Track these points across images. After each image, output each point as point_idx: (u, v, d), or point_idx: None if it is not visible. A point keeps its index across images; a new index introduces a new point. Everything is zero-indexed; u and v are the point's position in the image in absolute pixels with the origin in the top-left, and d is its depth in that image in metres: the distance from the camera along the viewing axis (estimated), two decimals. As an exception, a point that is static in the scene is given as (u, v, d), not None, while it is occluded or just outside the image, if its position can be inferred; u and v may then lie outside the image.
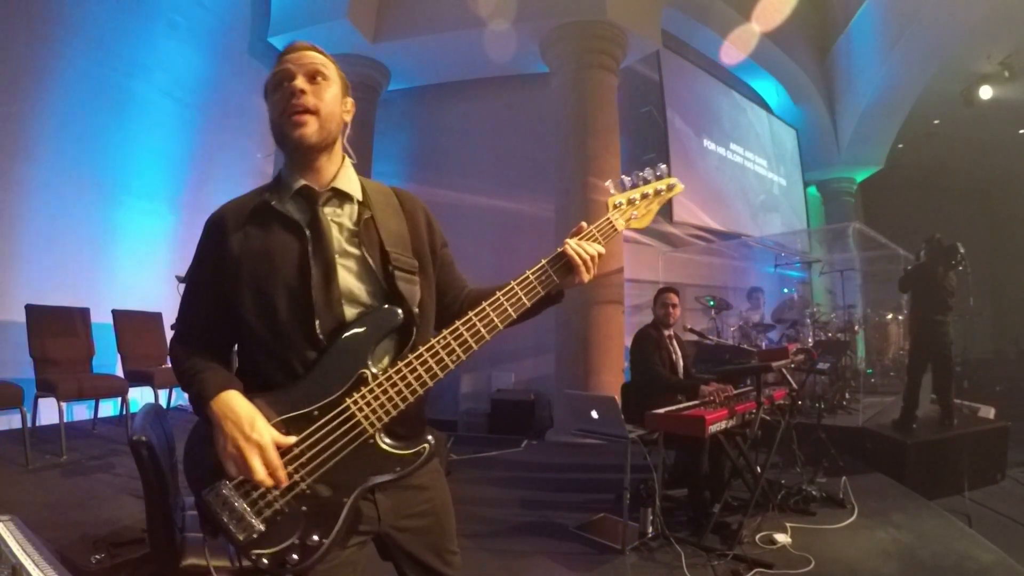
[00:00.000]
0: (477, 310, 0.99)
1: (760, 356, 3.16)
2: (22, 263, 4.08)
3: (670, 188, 1.21)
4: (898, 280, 4.81)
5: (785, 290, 7.37)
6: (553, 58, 5.86)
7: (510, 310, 1.01)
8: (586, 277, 1.09)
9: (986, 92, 8.06)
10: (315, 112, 1.01)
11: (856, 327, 6.32)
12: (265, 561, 0.87)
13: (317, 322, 0.94)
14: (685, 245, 7.25)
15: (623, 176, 1.16)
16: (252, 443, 0.85)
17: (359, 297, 0.99)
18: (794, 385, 3.13)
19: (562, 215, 5.62)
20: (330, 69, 1.07)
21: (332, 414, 0.91)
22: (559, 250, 1.08)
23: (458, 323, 0.97)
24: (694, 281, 7.00)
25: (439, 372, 0.95)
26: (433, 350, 0.95)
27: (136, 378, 4.03)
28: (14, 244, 4.05)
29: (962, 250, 4.26)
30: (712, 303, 6.29)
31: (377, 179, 1.11)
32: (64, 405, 3.38)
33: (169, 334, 4.66)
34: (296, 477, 0.89)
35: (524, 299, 1.02)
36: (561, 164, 5.69)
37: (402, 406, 0.94)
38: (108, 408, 4.43)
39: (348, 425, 0.91)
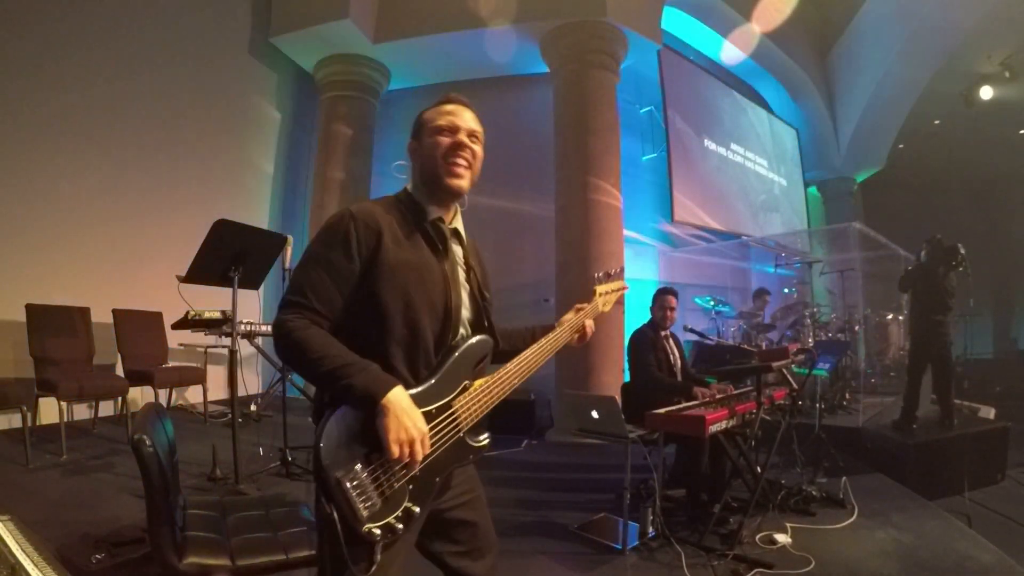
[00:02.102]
0: (529, 350, 1.29)
1: (760, 356, 3.15)
2: (22, 263, 4.08)
3: (622, 288, 1.72)
4: (898, 280, 4.81)
5: (786, 290, 7.36)
6: (553, 58, 5.86)
7: (544, 355, 1.34)
8: (579, 344, 1.51)
9: (986, 92, 8.07)
10: (470, 168, 1.23)
11: (856, 327, 6.31)
12: (377, 531, 1.00)
13: (450, 336, 1.18)
14: (685, 245, 7.25)
15: (600, 272, 1.67)
16: (420, 432, 1.03)
17: (465, 322, 1.24)
18: (794, 385, 3.13)
19: (562, 215, 5.62)
20: (481, 132, 1.27)
21: (445, 414, 1.12)
22: (578, 323, 1.49)
23: (520, 357, 1.27)
24: (694, 281, 7.00)
25: (508, 389, 1.23)
26: (507, 372, 1.23)
27: (136, 378, 4.03)
28: (14, 244, 4.05)
29: (963, 251, 4.26)
30: (711, 304, 6.29)
31: (377, 179, 1.30)
32: (64, 405, 3.38)
33: (170, 334, 4.67)
34: (415, 463, 1.06)
35: (550, 351, 1.37)
36: (561, 164, 5.69)
37: (486, 412, 1.19)
38: (108, 408, 4.43)
39: (453, 423, 1.13)
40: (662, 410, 2.83)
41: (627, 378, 3.70)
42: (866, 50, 8.43)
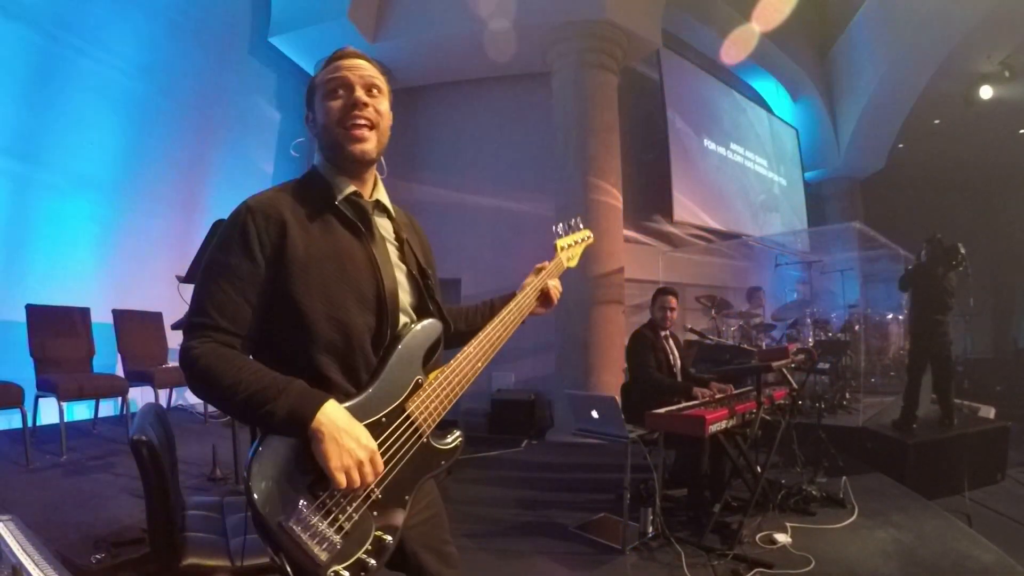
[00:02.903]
0: (489, 327, 1.14)
1: (760, 356, 3.15)
2: (22, 263, 4.08)
3: (589, 238, 1.57)
4: (898, 280, 4.81)
5: (786, 291, 7.37)
6: (553, 58, 5.86)
7: (510, 328, 1.19)
8: (551, 309, 1.37)
9: (986, 92, 8.07)
10: (375, 127, 1.04)
11: (856, 327, 6.32)
12: (346, 573, 0.86)
13: (388, 328, 1.00)
14: (685, 245, 7.24)
15: (559, 224, 1.49)
16: (367, 450, 0.87)
17: (406, 308, 1.07)
18: (794, 385, 3.13)
19: (562, 215, 5.54)
20: (383, 82, 1.08)
21: (398, 420, 0.96)
22: (540, 284, 1.33)
23: (480, 335, 1.12)
24: (694, 281, 6.99)
25: (471, 376, 1.07)
26: (467, 356, 1.08)
27: (136, 378, 4.02)
28: (14, 244, 4.05)
29: (963, 250, 4.26)
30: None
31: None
32: (64, 405, 3.38)
33: (170, 334, 4.66)
34: (372, 485, 0.91)
35: (516, 321, 1.21)
36: (561, 164, 5.69)
37: (448, 408, 1.03)
38: (108, 408, 4.43)
39: (411, 429, 0.97)
40: (662, 410, 2.83)
41: (627, 379, 3.70)
42: (866, 50, 8.43)
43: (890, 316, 6.81)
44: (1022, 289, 11.56)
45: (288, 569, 0.83)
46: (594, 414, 2.96)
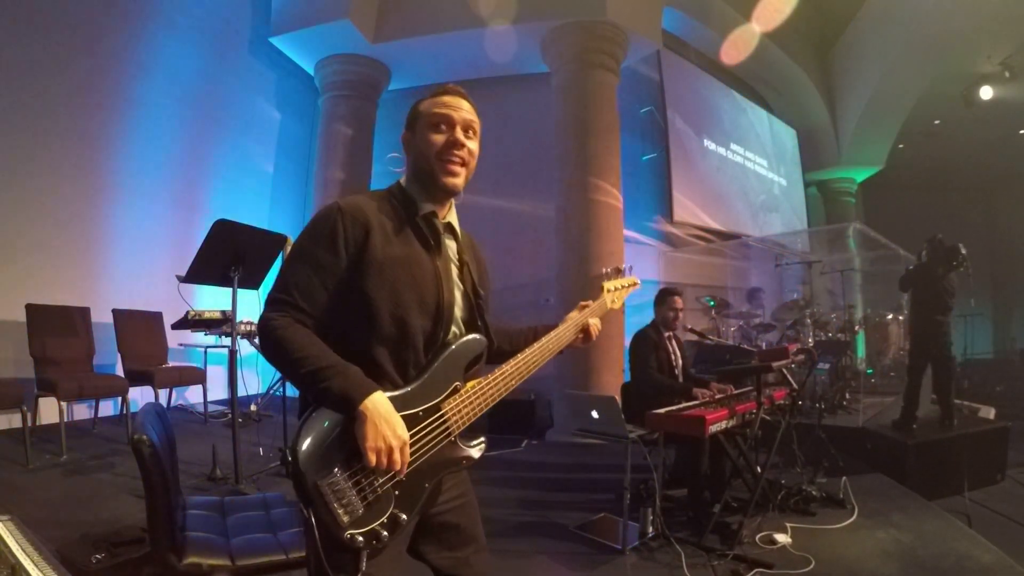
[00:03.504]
0: (528, 351, 1.25)
1: (760, 356, 3.15)
2: (22, 263, 4.08)
3: (634, 284, 1.67)
4: (899, 280, 4.81)
5: (795, 295, 7.36)
6: (553, 58, 5.86)
7: (547, 355, 1.30)
8: (589, 343, 1.47)
9: (986, 92, 8.07)
10: (466, 164, 1.18)
11: (856, 327, 6.32)
12: (360, 539, 0.96)
13: (442, 334, 1.13)
14: (685, 245, 7.25)
15: (608, 268, 1.67)
16: (399, 440, 0.98)
17: (458, 320, 1.19)
18: (794, 385, 3.13)
19: (562, 215, 5.62)
20: (478, 123, 1.22)
21: (433, 416, 1.08)
22: (583, 321, 1.43)
23: (519, 356, 1.23)
24: (694, 281, 6.99)
25: (504, 391, 1.18)
26: (504, 373, 1.19)
27: (136, 378, 4.03)
28: (14, 244, 4.05)
29: (964, 251, 4.26)
30: (712, 303, 6.29)
31: (377, 179, 1.25)
32: (64, 405, 3.38)
33: (170, 334, 4.67)
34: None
35: (554, 350, 1.32)
36: (561, 164, 5.69)
37: (479, 414, 1.14)
38: (108, 408, 4.43)
39: (442, 427, 1.08)
40: (662, 410, 2.83)
41: (627, 378, 3.70)
42: (866, 50, 8.44)
43: (890, 316, 6.81)
44: (1022, 289, 11.56)
45: (313, 522, 0.94)
46: (594, 414, 2.96)
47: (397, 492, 1.02)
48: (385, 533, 0.99)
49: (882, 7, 7.85)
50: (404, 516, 1.02)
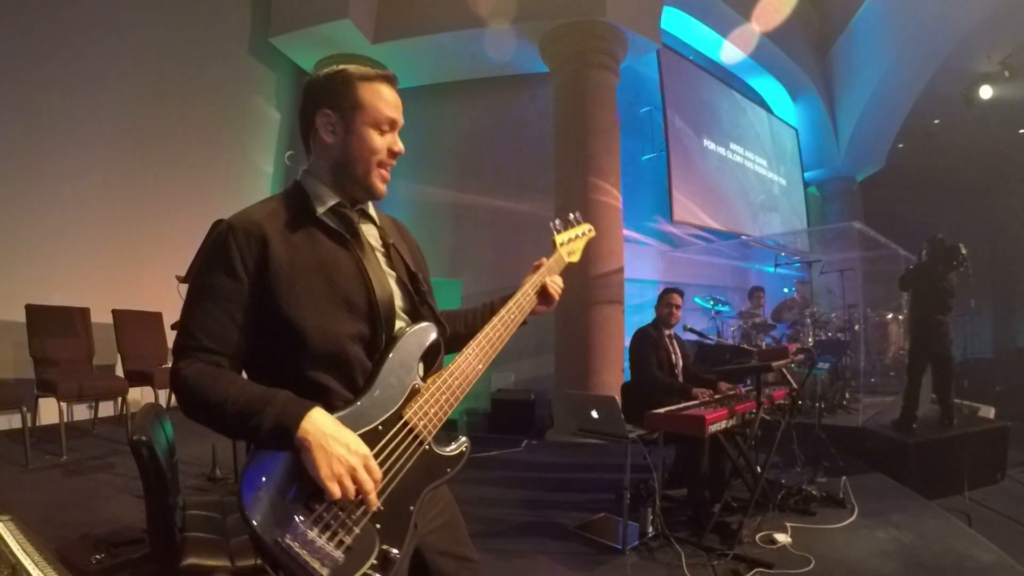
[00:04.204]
0: (488, 327, 1.11)
1: (760, 356, 3.15)
2: (22, 263, 4.08)
3: (590, 231, 1.51)
4: (898, 279, 4.81)
5: (785, 290, 7.37)
6: (553, 58, 5.86)
7: (511, 328, 1.16)
8: (553, 308, 1.30)
9: (986, 92, 8.07)
10: None
11: (856, 327, 6.31)
12: None
13: (383, 333, 0.98)
14: (685, 245, 7.25)
15: (556, 220, 1.44)
16: (359, 456, 0.84)
17: (400, 314, 1.04)
18: (794, 385, 3.13)
19: (562, 215, 5.60)
20: None
21: (395, 428, 0.93)
22: (539, 281, 1.27)
23: (479, 336, 1.08)
24: (694, 281, 7.00)
25: (472, 379, 1.04)
26: (465, 358, 1.05)
27: (136, 378, 4.03)
28: (14, 244, 4.05)
29: (964, 251, 4.26)
30: (711, 304, 6.29)
31: None
32: (64, 405, 3.38)
33: (170, 334, 4.66)
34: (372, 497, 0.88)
35: (517, 320, 1.18)
36: (561, 164, 5.69)
37: (449, 413, 1.00)
38: (108, 408, 4.43)
39: (410, 437, 0.94)
40: (662, 410, 2.83)
41: (627, 378, 3.70)
42: (866, 50, 8.44)
43: (890, 316, 6.81)
44: (1022, 289, 11.56)
45: None
46: (594, 414, 2.96)
47: (379, 525, 0.88)
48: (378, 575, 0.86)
49: (882, 7, 7.85)
50: (395, 551, 0.88)
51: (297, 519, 0.81)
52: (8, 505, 2.33)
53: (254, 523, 0.79)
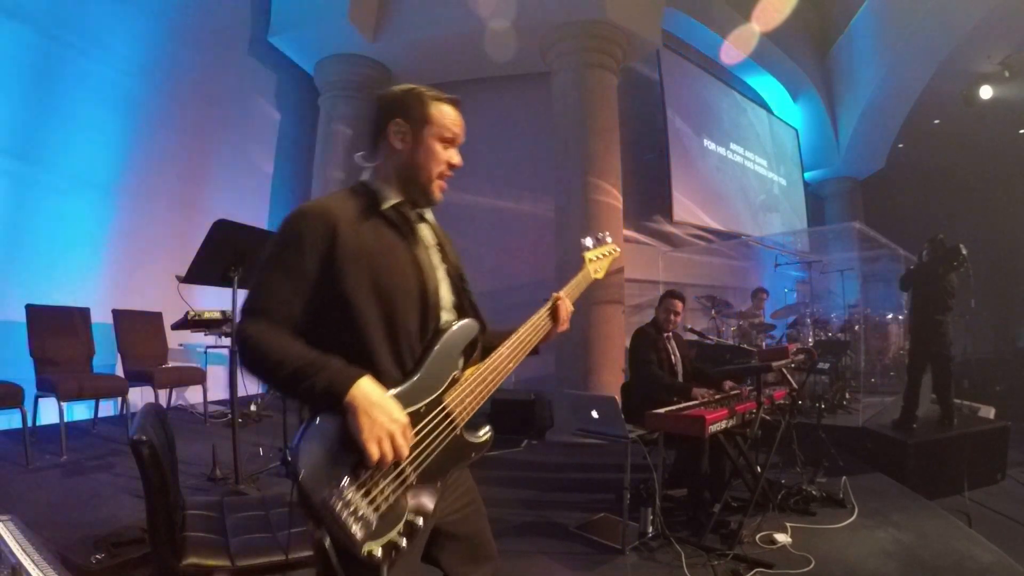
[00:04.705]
0: (522, 329, 1.24)
1: (760, 356, 3.15)
2: (22, 263, 4.08)
3: (616, 251, 1.61)
4: (899, 279, 4.82)
5: (786, 290, 7.37)
6: (553, 58, 5.86)
7: (540, 332, 1.29)
8: (563, 328, 1.36)
9: (986, 92, 8.06)
10: None
11: (856, 327, 6.32)
12: (379, 552, 0.92)
13: (432, 322, 1.09)
14: (685, 245, 7.25)
15: (588, 238, 1.55)
16: (398, 424, 0.94)
17: (447, 306, 1.15)
18: (794, 385, 3.13)
19: (562, 215, 5.61)
20: None
21: (435, 411, 1.04)
22: (571, 294, 1.40)
23: (512, 337, 1.21)
24: (694, 281, 6.99)
25: (503, 375, 1.16)
26: (499, 356, 1.16)
27: (136, 378, 4.03)
28: (14, 244, 4.05)
29: (964, 251, 4.26)
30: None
31: None
32: (64, 405, 3.38)
33: (170, 334, 4.66)
34: (408, 470, 0.98)
35: (545, 327, 1.31)
36: (561, 164, 5.68)
37: (482, 403, 1.10)
38: (108, 408, 4.43)
39: (446, 421, 1.05)
40: (662, 410, 2.83)
41: (627, 378, 3.70)
42: (866, 50, 8.44)
43: (890, 316, 6.81)
44: (1022, 289, 11.56)
45: (326, 543, 0.88)
46: (594, 414, 2.96)
47: (409, 496, 0.99)
48: (404, 541, 0.95)
49: (882, 7, 7.85)
50: (420, 520, 0.98)
51: (343, 483, 0.90)
52: (8, 505, 2.33)
53: (305, 483, 0.88)
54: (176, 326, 4.16)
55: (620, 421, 2.84)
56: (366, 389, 0.93)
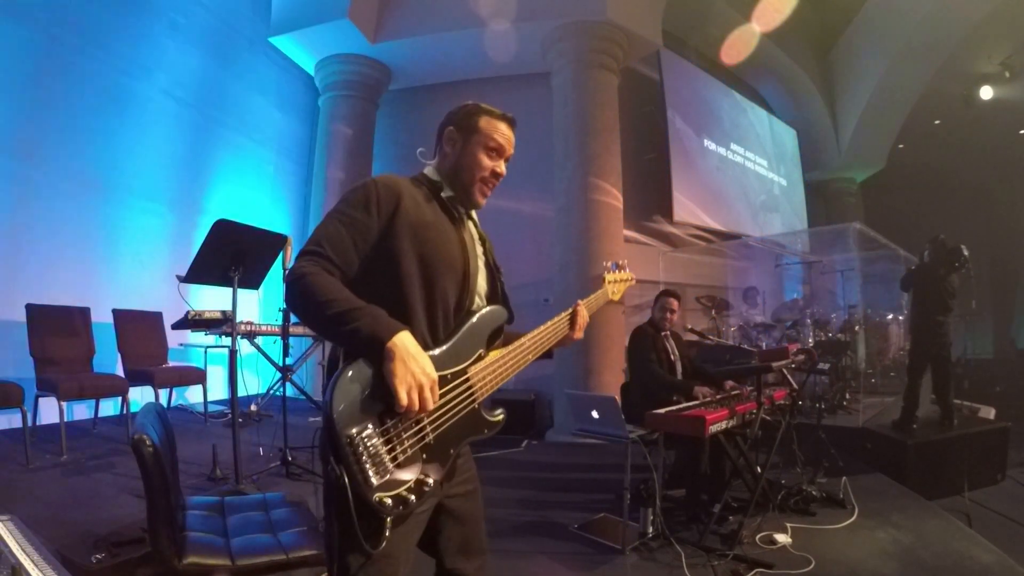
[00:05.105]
0: (543, 326, 1.34)
1: (760, 356, 3.15)
2: (22, 263, 4.08)
3: (632, 279, 1.76)
4: (900, 280, 4.82)
5: (786, 290, 7.37)
6: (554, 58, 5.86)
7: (559, 333, 1.39)
8: (578, 336, 1.46)
9: (986, 92, 8.07)
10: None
11: (856, 327, 6.32)
12: (388, 501, 0.96)
13: (467, 301, 1.19)
14: (685, 245, 7.24)
15: (610, 262, 1.73)
16: (429, 378, 0.99)
17: (482, 293, 1.26)
18: (794, 385, 3.13)
19: (562, 215, 5.62)
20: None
21: (458, 381, 1.11)
22: (592, 305, 1.52)
23: (534, 331, 1.32)
24: (694, 281, 6.99)
25: (522, 364, 1.26)
26: (522, 345, 1.26)
27: (136, 378, 4.02)
28: (14, 244, 4.05)
29: (966, 252, 4.27)
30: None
31: None
32: (64, 405, 3.38)
33: (170, 334, 4.66)
34: (428, 428, 1.04)
35: (564, 330, 1.42)
36: (561, 164, 5.69)
37: (501, 383, 1.19)
38: (108, 408, 4.43)
39: (468, 392, 1.12)
40: (662, 410, 2.83)
41: (627, 378, 3.70)
42: (866, 50, 8.44)
43: (890, 316, 6.81)
44: (1022, 289, 11.56)
45: (344, 480, 0.92)
46: (594, 414, 2.96)
47: (425, 456, 1.03)
48: (412, 498, 0.99)
49: (882, 7, 7.85)
50: (430, 480, 1.02)
51: (369, 425, 0.96)
52: (8, 505, 2.33)
53: (335, 416, 0.92)
54: (176, 326, 4.16)
55: (620, 421, 2.84)
56: (406, 340, 0.99)
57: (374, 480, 0.94)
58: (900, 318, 6.71)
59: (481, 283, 1.25)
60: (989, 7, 6.69)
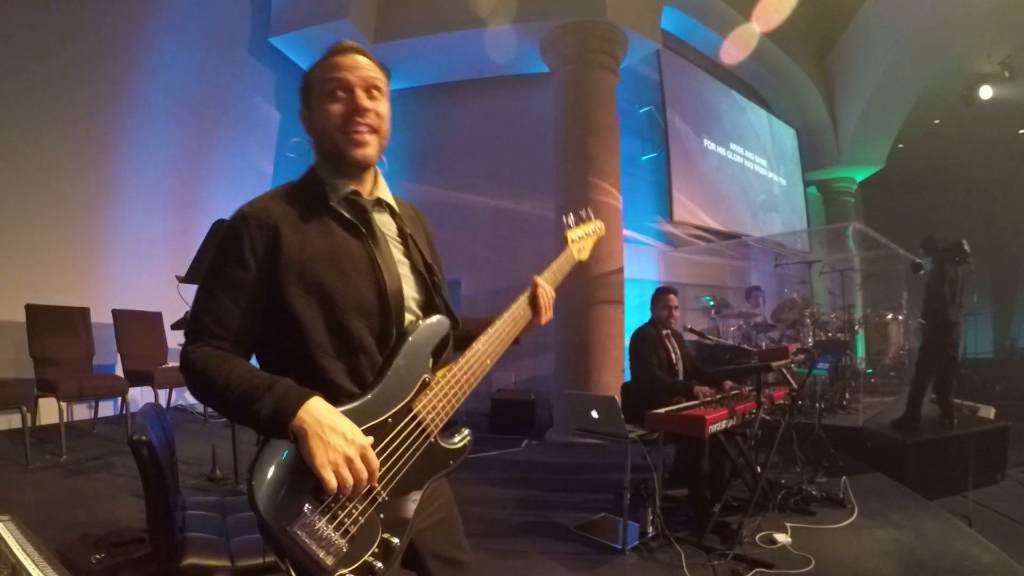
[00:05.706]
0: (498, 323, 1.12)
1: (760, 356, 3.15)
2: (22, 263, 4.08)
3: (600, 229, 1.52)
4: (924, 287, 4.75)
5: (786, 290, 7.37)
6: (553, 58, 5.86)
7: (520, 323, 1.18)
8: (546, 318, 1.25)
9: (986, 92, 8.07)
10: (376, 131, 1.02)
11: (856, 327, 6.32)
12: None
13: (393, 326, 0.98)
14: (685, 245, 7.25)
15: (569, 216, 1.43)
16: (356, 446, 0.84)
17: (411, 306, 1.04)
18: (794, 385, 3.13)
19: (562, 215, 5.60)
20: (383, 80, 1.04)
21: (404, 421, 0.94)
22: (553, 278, 1.30)
23: (489, 330, 1.10)
24: (694, 281, 7.00)
25: (479, 375, 1.05)
26: (475, 353, 1.06)
27: (136, 378, 4.03)
28: (14, 244, 4.05)
29: (966, 247, 4.27)
30: (711, 303, 6.29)
31: None
32: (64, 405, 3.38)
33: (170, 334, 4.64)
34: (378, 487, 0.89)
35: (525, 317, 1.20)
36: (561, 164, 5.69)
37: (457, 407, 1.01)
38: (108, 408, 4.43)
39: (418, 430, 0.95)
40: (662, 410, 2.83)
41: (627, 378, 3.70)
42: (866, 50, 8.44)
43: (890, 316, 6.81)
44: (1022, 289, 11.57)
45: (293, 573, 0.81)
46: (594, 414, 2.96)
47: (382, 515, 0.90)
48: (379, 564, 0.88)
49: (882, 7, 7.85)
50: (396, 540, 0.91)
51: (305, 508, 0.82)
52: (8, 505, 2.33)
53: (262, 511, 0.80)
54: (176, 326, 4.16)
55: (620, 421, 2.84)
56: (315, 410, 0.83)
57: (328, 562, 0.82)
58: (900, 318, 6.71)
59: (410, 294, 1.03)
60: (989, 7, 6.69)
